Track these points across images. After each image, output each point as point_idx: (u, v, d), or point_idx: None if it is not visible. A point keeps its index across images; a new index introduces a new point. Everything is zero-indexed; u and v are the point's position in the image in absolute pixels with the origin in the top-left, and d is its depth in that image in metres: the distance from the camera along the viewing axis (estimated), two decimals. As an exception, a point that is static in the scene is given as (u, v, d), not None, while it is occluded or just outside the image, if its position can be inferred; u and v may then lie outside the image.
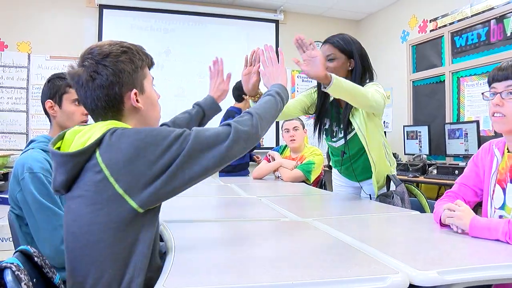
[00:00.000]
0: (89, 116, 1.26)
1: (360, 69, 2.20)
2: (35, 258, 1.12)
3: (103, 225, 1.02)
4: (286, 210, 1.85)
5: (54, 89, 1.79)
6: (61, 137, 1.14)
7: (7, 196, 4.44)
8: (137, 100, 1.17)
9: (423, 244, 1.27)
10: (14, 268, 0.95)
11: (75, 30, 5.13)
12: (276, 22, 5.87)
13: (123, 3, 5.23)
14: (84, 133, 1.10)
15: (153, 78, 1.26)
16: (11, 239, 1.70)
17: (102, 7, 5.19)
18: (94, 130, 1.09)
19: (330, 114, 2.33)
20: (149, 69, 1.25)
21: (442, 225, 1.41)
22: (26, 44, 4.98)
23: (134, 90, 1.16)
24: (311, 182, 3.16)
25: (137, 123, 1.20)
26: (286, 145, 3.55)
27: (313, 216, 1.70)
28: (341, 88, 1.85)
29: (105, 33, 5.13)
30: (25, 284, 0.96)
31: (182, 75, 5.48)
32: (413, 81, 5.16)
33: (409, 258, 1.07)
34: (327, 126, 2.37)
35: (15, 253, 1.09)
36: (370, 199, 2.38)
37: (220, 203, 2.17)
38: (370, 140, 2.18)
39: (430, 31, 4.83)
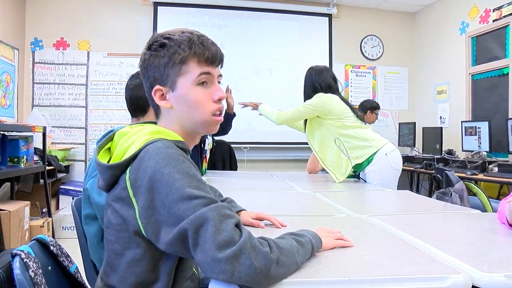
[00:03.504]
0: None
1: (306, 87, 3.02)
2: (51, 247, 1.14)
3: (126, 240, 1.00)
4: (341, 205, 1.84)
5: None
6: (111, 138, 1.12)
7: (70, 187, 4.71)
8: (164, 99, 1.11)
9: (486, 244, 1.20)
10: (23, 256, 0.98)
11: (131, 28, 5.30)
12: (329, 16, 5.77)
13: (177, 0, 5.34)
14: (128, 137, 1.06)
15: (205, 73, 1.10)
16: (73, 227, 1.78)
17: (156, 4, 5.32)
18: (137, 137, 1.05)
19: None
20: (211, 64, 1.10)
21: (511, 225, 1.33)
22: (86, 43, 5.21)
23: (157, 87, 1.10)
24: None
25: (180, 125, 1.12)
26: None
27: (369, 212, 1.67)
28: (262, 112, 3.18)
29: (159, 30, 5.15)
30: (32, 271, 0.98)
31: (236, 70, 5.51)
32: (472, 75, 4.93)
33: (471, 258, 1.03)
34: None
35: (31, 241, 1.13)
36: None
37: (275, 198, 2.18)
38: (312, 136, 3.03)
39: (493, 21, 4.58)
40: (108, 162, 1.05)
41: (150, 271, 1.00)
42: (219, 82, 1.14)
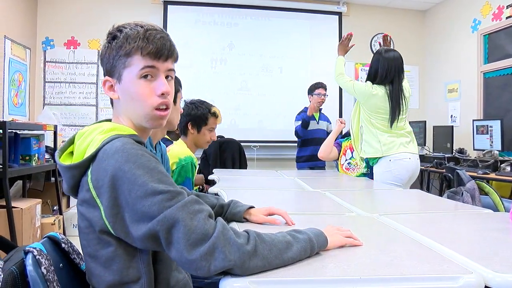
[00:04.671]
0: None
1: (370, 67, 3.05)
2: (63, 245, 1.16)
3: (96, 242, 1.00)
4: (351, 204, 1.83)
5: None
6: (72, 141, 1.11)
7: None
8: (113, 90, 1.12)
9: (499, 244, 1.18)
10: (35, 253, 1.00)
11: (141, 27, 5.30)
12: (339, 14, 5.75)
13: (187, -2, 5.37)
14: (85, 138, 1.06)
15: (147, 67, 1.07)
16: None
17: (166, 3, 5.34)
18: (93, 136, 1.04)
19: None
20: (156, 58, 1.08)
21: None
22: (96, 41, 5.24)
23: (106, 78, 1.12)
24: None
25: (128, 117, 1.13)
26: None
27: (379, 211, 1.66)
28: (336, 62, 3.17)
29: (169, 28, 5.23)
30: (44, 268, 0.99)
31: (245, 68, 5.53)
32: (484, 73, 4.88)
33: (483, 258, 1.02)
34: None
35: (43, 238, 1.14)
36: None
37: (284, 197, 2.18)
38: (352, 122, 3.15)
39: (506, 18, 4.52)
40: None
41: (126, 268, 1.00)
42: (168, 77, 1.13)
